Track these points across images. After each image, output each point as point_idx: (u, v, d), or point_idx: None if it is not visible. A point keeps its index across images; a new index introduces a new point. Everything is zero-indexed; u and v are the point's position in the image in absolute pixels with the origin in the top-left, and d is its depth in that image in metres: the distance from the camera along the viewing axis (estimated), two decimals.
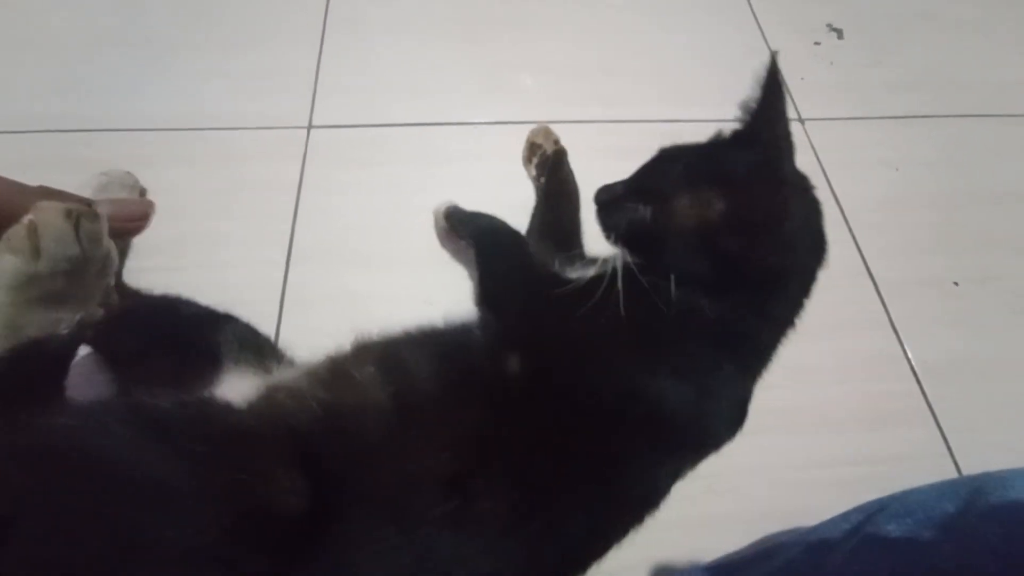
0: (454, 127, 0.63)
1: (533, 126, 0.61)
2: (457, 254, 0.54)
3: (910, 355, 0.53)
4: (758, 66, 0.72)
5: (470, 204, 0.55)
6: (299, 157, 0.59)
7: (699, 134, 0.65)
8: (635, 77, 0.69)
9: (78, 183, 0.51)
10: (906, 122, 0.69)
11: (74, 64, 0.63)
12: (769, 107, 0.37)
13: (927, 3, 0.80)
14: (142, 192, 0.53)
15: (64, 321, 0.23)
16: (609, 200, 0.39)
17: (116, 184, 0.51)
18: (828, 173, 0.63)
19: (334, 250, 0.53)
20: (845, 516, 0.30)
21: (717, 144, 0.39)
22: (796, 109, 0.69)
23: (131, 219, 0.26)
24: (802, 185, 0.38)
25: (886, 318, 0.54)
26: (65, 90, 0.61)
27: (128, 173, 0.52)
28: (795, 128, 0.67)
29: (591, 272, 0.36)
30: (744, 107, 0.39)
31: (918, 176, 0.65)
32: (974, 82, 0.73)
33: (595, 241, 0.49)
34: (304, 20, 0.69)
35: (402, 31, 0.69)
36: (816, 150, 0.65)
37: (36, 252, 0.22)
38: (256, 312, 0.45)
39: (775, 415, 0.48)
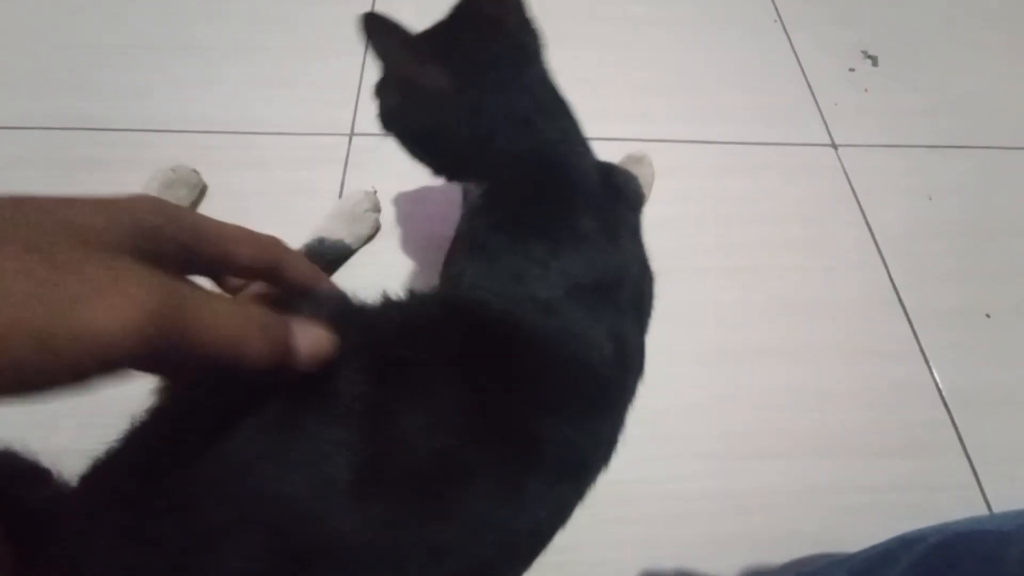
0: None
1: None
2: None
3: (940, 385, 0.53)
4: (791, 89, 0.73)
5: None
6: (341, 163, 0.61)
7: (729, 155, 0.66)
8: (665, 96, 0.70)
9: (145, 179, 0.54)
10: (940, 151, 0.69)
11: (132, 69, 0.66)
12: None
13: (963, 31, 0.81)
14: (203, 190, 0.56)
15: None
16: (377, 93, 0.42)
17: (181, 181, 0.54)
18: (861, 200, 0.64)
19: (374, 257, 0.55)
20: (886, 545, 0.31)
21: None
22: (830, 134, 0.69)
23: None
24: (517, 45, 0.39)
25: (916, 346, 0.54)
26: (126, 93, 0.64)
27: (194, 171, 0.55)
28: (828, 153, 0.68)
29: None
30: None
31: (951, 205, 0.65)
32: (1010, 112, 0.73)
33: None
34: (348, 31, 0.71)
35: None
36: (849, 176, 0.66)
37: None
38: None
39: (803, 438, 0.49)
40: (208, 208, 0.57)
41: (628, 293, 0.35)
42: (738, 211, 0.62)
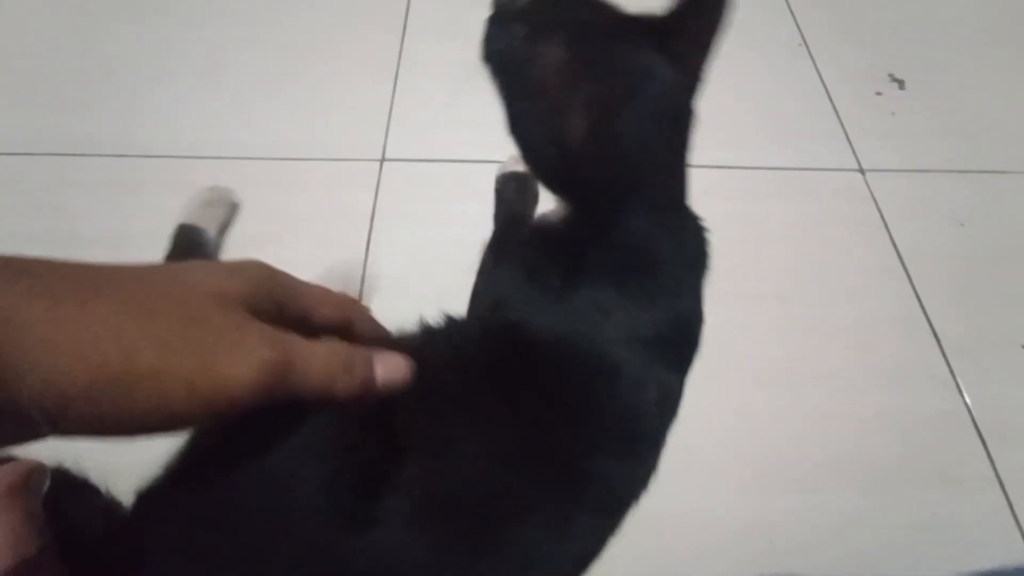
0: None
1: None
2: None
3: (976, 417, 0.52)
4: (817, 113, 0.73)
5: None
6: (372, 188, 0.62)
7: (756, 181, 0.66)
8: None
9: (188, 198, 0.57)
10: (971, 176, 0.68)
11: (172, 97, 0.69)
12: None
13: (992, 55, 0.80)
14: (234, 208, 0.59)
15: None
16: (501, 15, 0.33)
17: (219, 200, 0.58)
18: (890, 226, 0.63)
19: (406, 281, 0.56)
20: None
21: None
22: (857, 159, 0.69)
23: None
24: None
25: (951, 378, 0.54)
26: (165, 119, 0.67)
27: (228, 189, 0.59)
28: (855, 178, 0.68)
29: None
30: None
31: (983, 232, 0.64)
32: None
33: None
34: (380, 58, 0.73)
35: (471, 71, 0.73)
36: (877, 202, 0.65)
37: None
38: None
39: (836, 470, 0.49)
40: (242, 233, 0.59)
41: (681, 351, 0.35)
42: (765, 237, 0.62)
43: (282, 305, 0.23)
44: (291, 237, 0.58)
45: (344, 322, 0.26)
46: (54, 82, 0.69)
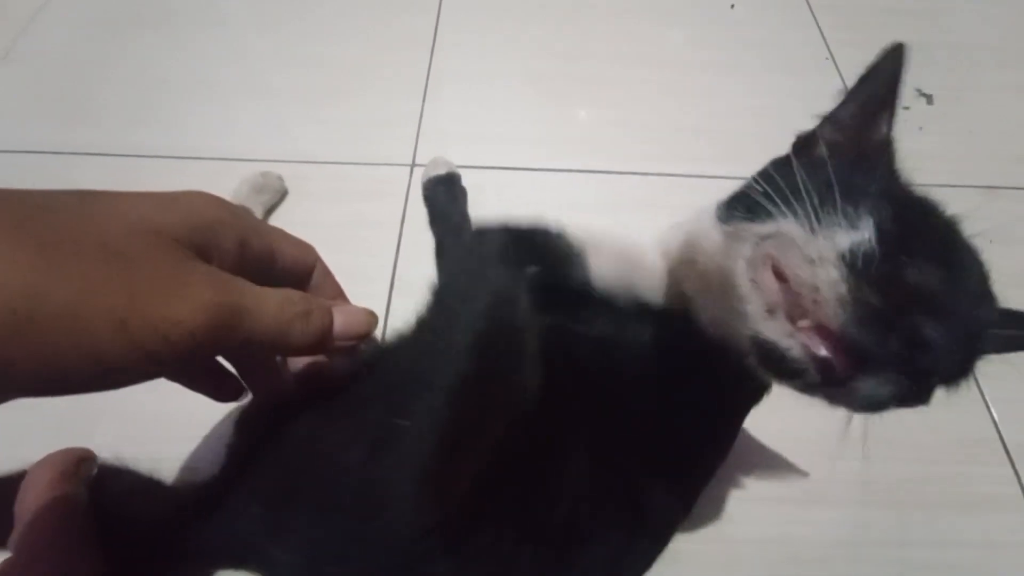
0: (542, 173, 0.66)
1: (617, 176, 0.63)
2: None
3: (1005, 438, 0.51)
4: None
5: None
6: (402, 195, 0.64)
7: None
8: (719, 136, 0.71)
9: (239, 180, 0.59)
10: (1000, 192, 0.68)
11: (220, 106, 0.71)
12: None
13: (1020, 71, 0.79)
14: (284, 194, 0.61)
15: None
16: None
17: (269, 186, 0.60)
18: None
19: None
20: None
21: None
22: None
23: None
24: None
25: (980, 398, 0.53)
26: (225, 130, 0.68)
27: (278, 176, 0.61)
28: None
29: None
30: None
31: (1013, 251, 0.63)
32: None
33: None
34: (409, 71, 0.75)
35: (497, 83, 0.74)
36: None
37: None
38: None
39: (863, 487, 0.48)
40: None
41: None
42: None
43: (245, 242, 0.21)
44: (322, 239, 0.59)
45: (308, 267, 0.25)
46: (101, 92, 0.71)
